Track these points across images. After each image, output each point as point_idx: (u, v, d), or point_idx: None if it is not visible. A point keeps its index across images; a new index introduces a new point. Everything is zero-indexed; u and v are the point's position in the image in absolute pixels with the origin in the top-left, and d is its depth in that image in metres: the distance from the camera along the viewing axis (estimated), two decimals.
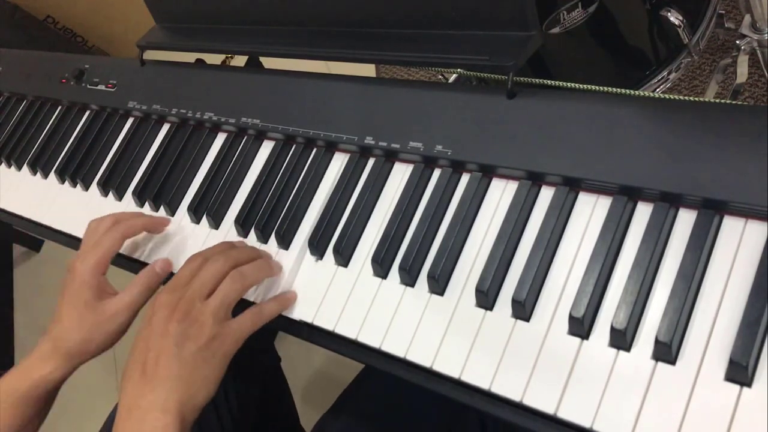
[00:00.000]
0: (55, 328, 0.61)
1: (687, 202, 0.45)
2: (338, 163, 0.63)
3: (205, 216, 0.67)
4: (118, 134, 0.81)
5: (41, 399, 0.61)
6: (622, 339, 0.43)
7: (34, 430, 0.62)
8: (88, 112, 0.87)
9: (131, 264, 0.71)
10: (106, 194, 0.77)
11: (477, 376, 0.47)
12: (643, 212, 0.47)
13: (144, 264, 0.69)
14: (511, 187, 0.52)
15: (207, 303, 0.54)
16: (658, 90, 0.84)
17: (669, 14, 0.76)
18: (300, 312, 0.57)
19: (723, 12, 0.90)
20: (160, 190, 0.72)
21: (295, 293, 0.58)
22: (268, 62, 0.81)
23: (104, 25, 2.10)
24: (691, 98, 0.48)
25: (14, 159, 0.89)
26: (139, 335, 0.54)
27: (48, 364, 0.60)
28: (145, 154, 0.77)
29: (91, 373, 1.70)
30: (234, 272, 0.56)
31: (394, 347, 0.51)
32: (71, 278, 0.62)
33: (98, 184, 0.78)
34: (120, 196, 0.76)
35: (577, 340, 0.45)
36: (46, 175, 0.85)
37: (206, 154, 0.72)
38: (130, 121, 0.81)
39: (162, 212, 0.71)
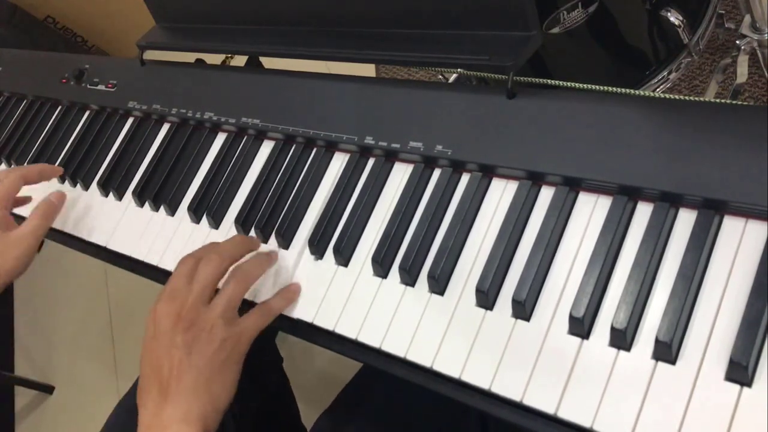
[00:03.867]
0: None
1: (687, 202, 0.45)
2: (338, 162, 0.63)
3: (205, 216, 0.67)
4: (118, 134, 0.81)
5: None
6: (622, 339, 0.43)
7: None
8: (88, 112, 0.87)
9: (132, 264, 0.71)
10: (106, 194, 0.77)
11: (477, 376, 0.47)
12: (643, 212, 0.47)
13: (145, 264, 0.69)
14: (511, 187, 0.52)
15: (212, 307, 0.53)
16: (658, 90, 0.84)
17: (669, 14, 0.76)
18: (300, 312, 0.57)
19: (723, 12, 0.90)
20: (160, 190, 0.72)
21: (298, 285, 0.58)
22: (268, 62, 0.81)
23: (104, 25, 2.10)
24: (691, 98, 0.48)
25: (14, 159, 0.89)
26: (147, 349, 0.53)
27: None
28: (145, 154, 0.77)
29: (91, 373, 1.70)
30: (235, 271, 0.55)
31: (394, 347, 0.51)
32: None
33: (98, 184, 0.78)
34: (120, 196, 0.76)
35: (578, 339, 0.45)
36: None
37: (206, 154, 0.72)
38: (130, 121, 0.81)
39: (162, 212, 0.71)
